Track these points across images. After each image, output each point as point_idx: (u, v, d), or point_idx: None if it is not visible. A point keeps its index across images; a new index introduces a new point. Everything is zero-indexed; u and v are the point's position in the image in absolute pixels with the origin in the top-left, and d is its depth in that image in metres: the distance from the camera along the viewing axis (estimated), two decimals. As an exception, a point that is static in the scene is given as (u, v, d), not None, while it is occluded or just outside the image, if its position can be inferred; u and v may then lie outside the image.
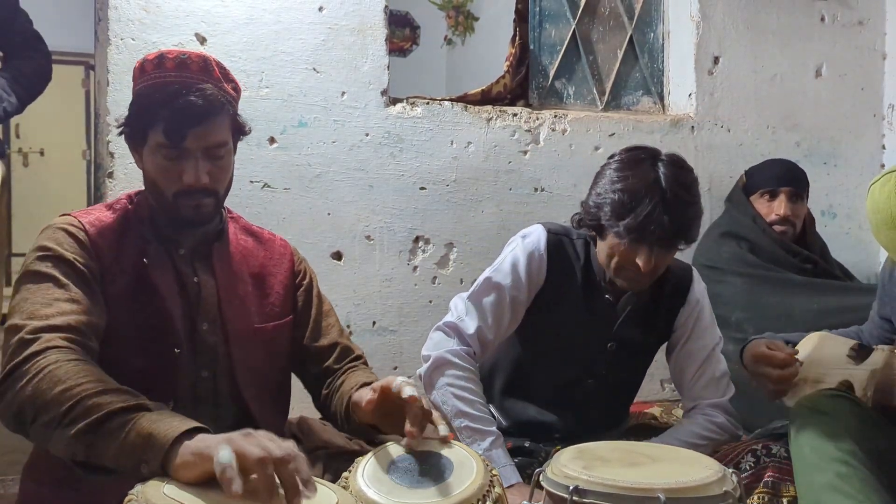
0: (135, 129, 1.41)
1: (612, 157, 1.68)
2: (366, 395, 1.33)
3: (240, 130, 1.48)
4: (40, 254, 1.31)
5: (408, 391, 1.24)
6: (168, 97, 1.34)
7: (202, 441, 1.02)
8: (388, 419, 1.33)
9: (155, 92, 1.36)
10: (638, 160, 1.60)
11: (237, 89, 1.48)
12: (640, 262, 1.57)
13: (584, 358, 1.77)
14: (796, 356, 1.71)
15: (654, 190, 1.54)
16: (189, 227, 1.44)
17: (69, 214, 1.39)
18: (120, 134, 1.45)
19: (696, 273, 1.84)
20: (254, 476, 0.97)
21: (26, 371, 1.17)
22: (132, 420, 1.08)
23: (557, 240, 1.75)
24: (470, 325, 1.71)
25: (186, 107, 1.34)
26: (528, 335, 1.80)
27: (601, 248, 1.68)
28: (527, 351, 1.81)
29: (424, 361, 1.71)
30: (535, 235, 1.74)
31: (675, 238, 1.59)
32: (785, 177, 2.54)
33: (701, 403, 1.77)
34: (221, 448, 0.97)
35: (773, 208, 2.51)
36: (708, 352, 1.79)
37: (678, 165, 1.60)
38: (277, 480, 0.98)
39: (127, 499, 0.98)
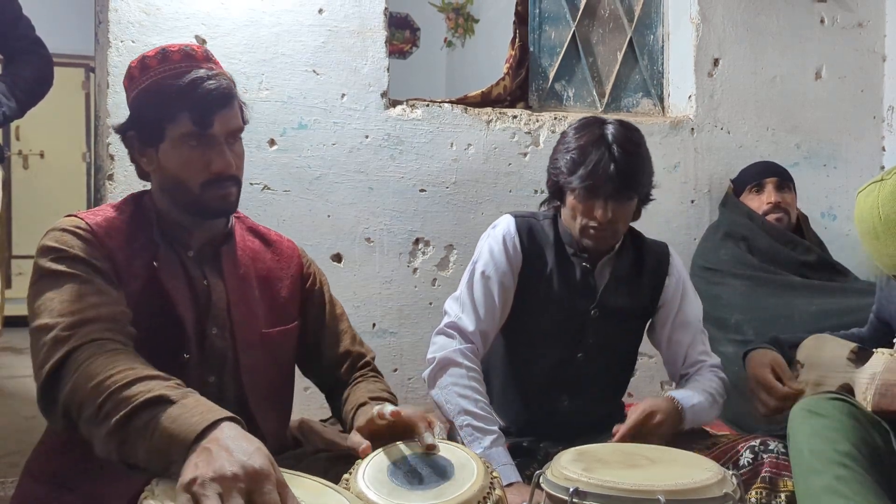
0: (147, 128, 1.38)
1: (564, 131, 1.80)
2: (359, 445, 1.29)
3: (244, 119, 1.48)
4: (53, 256, 1.28)
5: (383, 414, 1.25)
6: (189, 85, 1.33)
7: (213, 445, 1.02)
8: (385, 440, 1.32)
9: (170, 83, 1.34)
10: (587, 124, 1.74)
11: (232, 80, 1.47)
12: (597, 214, 1.67)
13: (570, 329, 1.80)
14: (798, 361, 1.71)
15: (600, 143, 1.67)
16: (214, 218, 1.43)
17: (74, 215, 1.36)
18: (123, 137, 1.43)
19: (671, 248, 1.91)
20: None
21: (67, 368, 1.16)
22: (155, 418, 1.06)
23: (525, 222, 1.82)
24: (468, 322, 1.75)
25: (210, 91, 1.34)
26: (516, 319, 1.82)
27: (566, 215, 1.76)
28: (517, 337, 1.83)
29: (429, 364, 1.74)
30: (504, 222, 1.83)
31: (626, 188, 1.67)
32: (768, 169, 2.65)
33: (703, 366, 1.83)
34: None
35: (762, 199, 2.57)
36: (700, 320, 1.87)
37: (625, 126, 1.73)
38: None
39: (143, 496, 0.98)
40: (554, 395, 1.82)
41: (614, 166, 1.64)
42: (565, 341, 1.80)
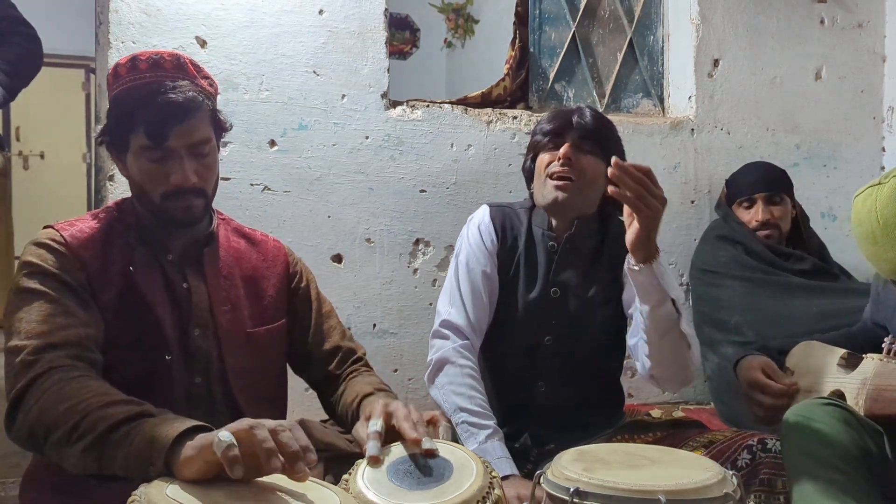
0: (116, 136, 1.40)
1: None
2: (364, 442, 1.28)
3: (221, 127, 1.46)
4: (26, 271, 1.32)
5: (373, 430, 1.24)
6: (146, 97, 1.33)
7: (201, 437, 1.04)
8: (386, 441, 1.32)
9: (132, 94, 1.35)
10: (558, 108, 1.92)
11: (213, 85, 1.46)
12: (561, 151, 1.73)
13: (535, 312, 1.80)
14: (788, 368, 1.70)
15: (569, 108, 1.83)
16: (179, 228, 1.42)
17: (51, 227, 1.38)
18: (101, 144, 1.44)
19: None
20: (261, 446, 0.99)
21: (31, 394, 1.19)
22: (136, 427, 1.09)
23: (499, 210, 1.88)
24: (458, 317, 1.78)
25: (166, 105, 1.33)
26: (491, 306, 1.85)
27: (537, 180, 1.80)
28: (490, 324, 1.84)
29: (428, 367, 1.77)
30: (480, 213, 1.89)
31: (590, 138, 1.75)
32: (759, 182, 2.54)
33: None
34: (219, 433, 0.99)
35: (751, 215, 2.52)
36: (675, 288, 1.79)
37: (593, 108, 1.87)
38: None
39: (130, 499, 0.98)
40: (529, 382, 1.82)
41: (578, 117, 1.77)
42: (532, 325, 1.81)
